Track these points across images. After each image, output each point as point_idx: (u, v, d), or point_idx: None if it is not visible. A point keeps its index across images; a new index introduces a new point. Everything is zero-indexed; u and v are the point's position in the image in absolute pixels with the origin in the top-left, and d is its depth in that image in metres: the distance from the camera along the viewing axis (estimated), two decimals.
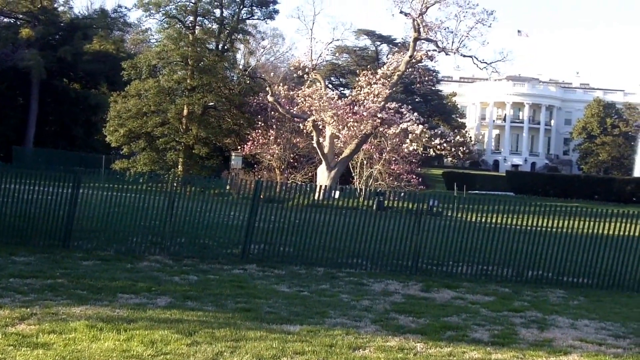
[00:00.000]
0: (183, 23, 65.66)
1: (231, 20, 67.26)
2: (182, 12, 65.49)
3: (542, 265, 22.53)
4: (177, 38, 63.39)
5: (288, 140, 58.38)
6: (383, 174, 53.35)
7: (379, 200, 29.07)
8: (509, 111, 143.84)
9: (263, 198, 23.82)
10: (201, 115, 62.31)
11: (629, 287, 22.06)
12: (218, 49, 66.63)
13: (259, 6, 69.24)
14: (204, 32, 66.55)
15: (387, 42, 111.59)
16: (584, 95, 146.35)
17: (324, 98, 50.97)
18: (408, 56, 52.13)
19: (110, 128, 61.24)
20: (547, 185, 79.97)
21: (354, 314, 15.39)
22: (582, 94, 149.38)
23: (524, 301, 18.69)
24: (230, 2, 67.87)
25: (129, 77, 62.91)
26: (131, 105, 60.62)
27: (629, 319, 17.16)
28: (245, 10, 68.73)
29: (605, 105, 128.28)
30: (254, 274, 19.69)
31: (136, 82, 62.27)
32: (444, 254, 22.84)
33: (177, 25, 65.36)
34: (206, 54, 63.98)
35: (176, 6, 65.21)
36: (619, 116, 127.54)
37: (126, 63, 63.88)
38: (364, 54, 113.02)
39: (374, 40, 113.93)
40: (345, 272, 21.16)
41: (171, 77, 62.71)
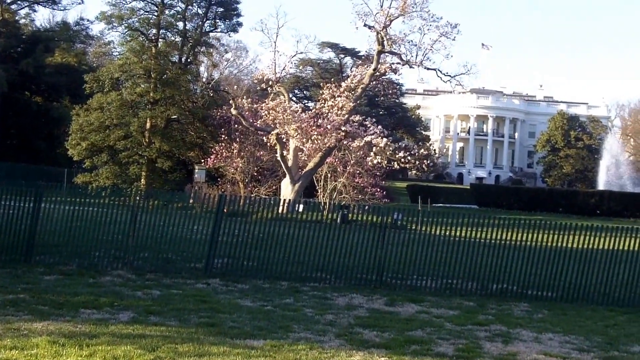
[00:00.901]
0: (146, 36, 65.50)
1: (194, 33, 67.21)
2: (145, 25, 65.35)
3: (507, 279, 22.55)
4: (140, 51, 63.21)
5: (252, 154, 58.28)
6: (347, 187, 53.34)
7: (343, 213, 29.09)
8: (473, 124, 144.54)
9: (227, 212, 23.71)
10: (164, 129, 62.11)
11: (593, 300, 22.12)
12: (181, 62, 66.54)
13: (223, 19, 69.29)
14: (167, 45, 66.38)
15: (351, 55, 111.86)
16: (547, 108, 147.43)
17: (288, 111, 50.92)
18: (372, 69, 52.20)
19: (72, 141, 60.92)
20: (511, 198, 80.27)
21: (318, 329, 15.30)
22: (545, 107, 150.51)
23: (489, 315, 18.68)
24: (194, 15, 67.86)
25: (92, 90, 62.69)
26: (93, 119, 60.36)
27: (593, 333, 17.20)
28: (208, 23, 68.79)
29: (569, 118, 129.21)
30: (217, 289, 19.56)
31: (99, 95, 62.02)
32: (408, 267, 22.80)
33: (140, 38, 65.22)
34: (169, 67, 63.89)
35: (139, 19, 65.06)
36: (583, 129, 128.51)
37: (88, 76, 63.70)
38: (328, 66, 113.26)
39: (338, 53, 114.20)
40: (310, 286, 21.08)
41: (134, 90, 62.49)
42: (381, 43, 51.35)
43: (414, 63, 51.71)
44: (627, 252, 22.65)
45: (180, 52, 67.28)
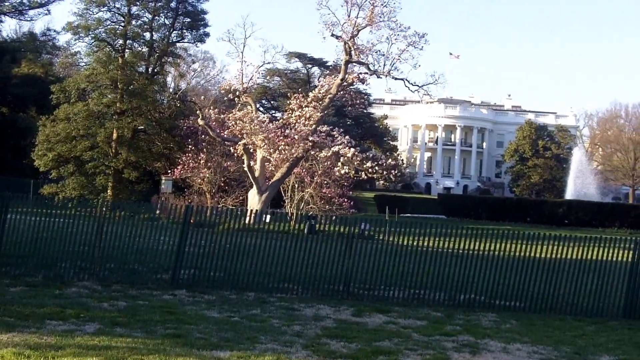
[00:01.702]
0: (112, 46, 65.26)
1: (161, 44, 67.04)
2: (111, 36, 65.11)
3: (475, 289, 22.56)
4: (106, 61, 62.95)
5: (219, 164, 58.11)
6: (314, 198, 53.27)
7: (310, 224, 29.03)
8: (441, 134, 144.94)
9: (193, 222, 23.59)
10: (131, 139, 61.86)
11: (561, 310, 22.16)
12: (148, 72, 66.31)
13: (189, 29, 69.14)
14: (134, 56, 66.12)
15: (318, 65, 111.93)
16: (515, 118, 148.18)
17: (255, 121, 50.84)
18: (339, 79, 52.26)
19: (38, 152, 60.54)
20: (479, 208, 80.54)
21: (285, 340, 15.24)
22: (514, 116, 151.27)
23: (456, 325, 18.67)
24: (160, 25, 67.66)
25: (58, 100, 62.36)
26: (60, 129, 60.03)
27: (561, 343, 17.23)
28: (175, 34, 68.60)
29: (537, 128, 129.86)
30: (184, 300, 19.45)
31: (65, 105, 61.71)
32: (375, 278, 22.77)
33: (107, 48, 64.98)
34: (136, 77, 63.64)
35: (105, 29, 64.82)
36: (551, 138, 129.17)
37: (55, 87, 63.29)
38: (296, 76, 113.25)
39: (306, 63, 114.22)
40: (277, 296, 21.01)
41: (100, 100, 62.19)
42: (349, 53, 51.42)
43: (382, 73, 51.81)
44: (595, 262, 22.71)
45: (147, 63, 67.05)
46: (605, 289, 22.40)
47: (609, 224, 74.04)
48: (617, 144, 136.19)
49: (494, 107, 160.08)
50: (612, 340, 17.99)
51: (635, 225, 73.51)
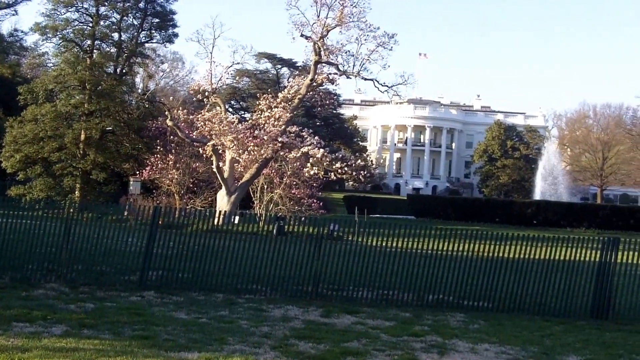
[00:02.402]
0: (81, 47, 64.99)
1: (130, 44, 66.82)
2: (79, 36, 64.84)
3: (443, 289, 22.54)
4: (74, 62, 62.71)
5: (187, 165, 57.98)
6: (284, 199, 53.24)
7: (279, 225, 28.98)
8: (411, 134, 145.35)
9: (162, 224, 23.48)
10: (99, 140, 61.63)
11: (529, 311, 22.18)
12: (116, 73, 66.10)
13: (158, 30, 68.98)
14: (102, 56, 65.90)
15: (288, 66, 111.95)
16: (485, 118, 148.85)
17: (224, 122, 50.70)
18: (309, 79, 52.22)
19: (5, 154, 60.24)
20: (448, 209, 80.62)
21: (253, 341, 15.19)
22: (483, 116, 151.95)
23: (425, 325, 18.66)
24: (129, 25, 67.46)
25: (26, 102, 62.08)
26: (27, 131, 59.75)
27: (529, 343, 17.26)
28: (144, 34, 68.45)
29: (506, 128, 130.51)
30: (151, 301, 19.35)
31: (33, 106, 61.43)
32: (344, 278, 22.72)
33: (75, 49, 64.74)
34: (104, 78, 63.46)
35: (73, 30, 64.54)
36: (520, 139, 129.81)
37: (22, 88, 62.96)
38: (265, 77, 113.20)
39: (275, 64, 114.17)
40: (245, 298, 20.94)
41: (68, 101, 61.98)
42: (318, 53, 51.39)
43: (351, 73, 51.82)
44: (563, 262, 22.77)
45: (116, 63, 66.83)
46: (573, 289, 22.46)
47: (577, 224, 74.33)
48: (585, 145, 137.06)
49: (463, 108, 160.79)
50: (580, 340, 18.05)
51: (604, 225, 73.87)
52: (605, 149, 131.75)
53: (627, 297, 22.39)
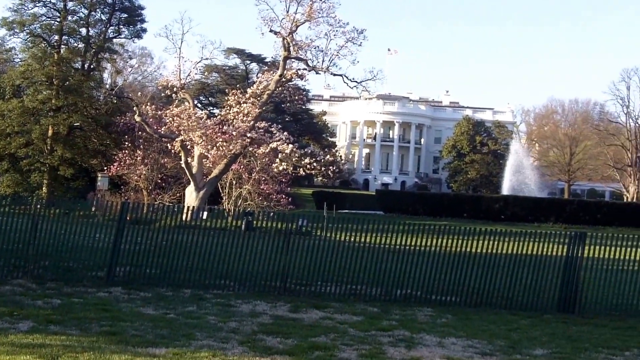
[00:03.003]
0: (48, 42, 64.70)
1: (97, 39, 66.59)
2: (47, 31, 64.58)
3: (411, 284, 22.58)
4: (42, 57, 62.45)
5: (156, 161, 57.75)
6: (252, 194, 53.18)
7: (247, 220, 28.93)
8: (380, 130, 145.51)
9: (130, 219, 23.39)
10: (66, 136, 61.38)
11: (497, 305, 22.25)
12: (84, 69, 65.88)
13: (126, 25, 68.77)
14: (70, 51, 65.61)
15: (257, 61, 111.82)
16: (453, 114, 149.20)
17: (193, 117, 50.52)
18: (278, 75, 52.11)
19: None
20: (416, 204, 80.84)
21: (221, 336, 15.16)
22: (451, 112, 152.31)
23: (392, 320, 18.69)
24: (97, 21, 67.21)
25: None
26: None
27: (495, 336, 17.32)
28: (112, 29, 68.23)
29: (475, 124, 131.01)
30: (119, 297, 19.26)
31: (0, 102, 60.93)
32: (312, 274, 22.71)
33: (42, 44, 64.45)
34: (72, 74, 63.22)
35: (41, 25, 64.26)
36: (488, 134, 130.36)
37: None
38: (234, 73, 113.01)
39: (244, 59, 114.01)
40: (213, 293, 20.88)
41: (36, 97, 61.66)
42: (287, 49, 51.31)
43: (320, 69, 51.75)
44: (530, 257, 22.91)
45: (83, 59, 66.58)
46: (540, 283, 22.58)
47: (544, 219, 74.81)
48: (553, 140, 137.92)
49: (432, 103, 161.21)
50: (546, 334, 18.16)
51: (571, 220, 74.39)
52: (573, 144, 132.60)
53: (593, 291, 22.53)
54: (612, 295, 22.65)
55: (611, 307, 22.37)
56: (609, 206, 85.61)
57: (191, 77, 59.53)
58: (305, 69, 52.77)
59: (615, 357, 15.94)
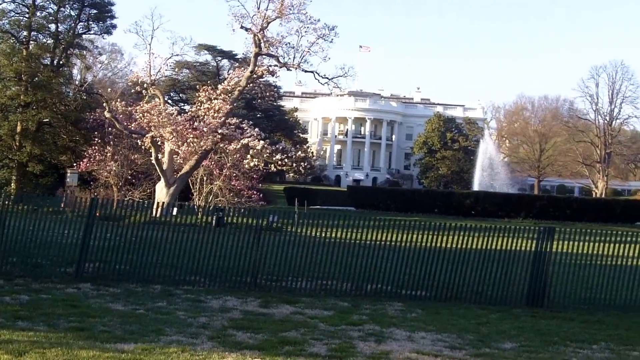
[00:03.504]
0: (17, 38, 64.28)
1: (67, 35, 66.21)
2: (15, 27, 64.19)
3: (381, 279, 22.62)
4: (10, 53, 62.01)
5: (126, 157, 57.54)
6: (223, 190, 53.08)
7: (218, 216, 28.85)
8: (351, 126, 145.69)
9: (99, 216, 23.27)
10: (35, 132, 61.00)
11: (466, 299, 22.32)
12: (53, 65, 65.48)
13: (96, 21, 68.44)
14: (39, 47, 65.25)
15: (228, 58, 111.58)
16: (424, 111, 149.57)
17: (163, 114, 50.30)
18: (249, 71, 52.03)
19: None
20: (388, 200, 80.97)
21: (191, 331, 15.12)
22: (422, 109, 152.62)
23: (363, 315, 18.70)
24: (66, 16, 66.84)
25: None
26: None
27: (465, 330, 17.38)
28: (81, 25, 67.84)
29: (446, 120, 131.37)
30: (88, 293, 19.16)
31: None
32: (283, 269, 22.70)
33: (11, 40, 63.97)
34: (41, 70, 62.76)
35: (9, 21, 63.87)
36: (459, 131, 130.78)
37: None
38: (205, 69, 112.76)
39: (215, 56, 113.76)
40: (183, 289, 20.81)
41: (4, 93, 61.31)
42: (258, 45, 51.23)
43: (292, 65, 51.71)
44: (500, 252, 22.99)
45: (53, 55, 66.17)
46: (510, 277, 22.68)
47: (514, 214, 75.21)
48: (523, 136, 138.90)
49: (403, 100, 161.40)
50: (515, 328, 18.23)
51: (540, 215, 74.87)
52: (543, 140, 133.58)
53: (561, 285, 22.68)
54: (581, 289, 22.80)
55: (579, 301, 22.52)
56: (578, 202, 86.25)
57: (161, 73, 59.30)
58: (277, 65, 52.73)
59: (583, 350, 16.04)
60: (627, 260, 23.41)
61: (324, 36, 50.85)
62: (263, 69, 52.87)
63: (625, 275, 23.00)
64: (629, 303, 22.62)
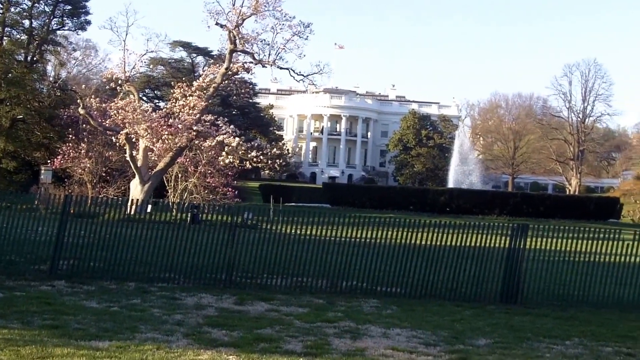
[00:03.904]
0: None
1: (41, 31, 66.00)
2: None
3: (357, 276, 22.67)
4: None
5: (100, 154, 57.33)
6: (198, 187, 53.00)
7: (193, 213, 28.83)
8: (327, 123, 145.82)
9: (73, 213, 23.18)
10: (9, 129, 60.71)
11: (441, 296, 22.39)
12: (27, 61, 65.24)
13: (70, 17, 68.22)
14: (12, 44, 64.96)
15: (203, 54, 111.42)
16: (400, 108, 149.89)
17: (138, 110, 50.11)
18: (224, 68, 51.90)
19: None
20: (363, 197, 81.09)
21: (166, 329, 15.10)
22: (398, 106, 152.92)
23: (338, 312, 18.73)
24: (40, 12, 66.59)
25: None
26: None
27: (439, 327, 17.44)
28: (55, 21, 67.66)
29: (421, 118, 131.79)
30: (62, 290, 19.09)
31: None
32: (258, 266, 22.69)
33: None
34: (14, 66, 62.41)
35: None
36: (434, 128, 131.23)
37: None
38: (180, 65, 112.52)
39: (190, 52, 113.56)
40: (158, 286, 20.75)
41: None
42: (233, 42, 51.15)
43: (267, 62, 51.67)
44: (474, 248, 23.10)
45: (26, 51, 65.92)
46: (484, 274, 22.79)
47: (489, 211, 75.55)
48: (497, 134, 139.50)
49: (378, 97, 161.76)
50: (489, 324, 18.33)
51: (514, 212, 75.26)
52: (517, 138, 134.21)
53: (535, 282, 22.82)
54: (554, 285, 22.99)
55: (553, 298, 22.67)
56: (551, 199, 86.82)
57: (136, 70, 59.02)
58: (252, 62, 52.65)
59: (556, 346, 16.16)
60: (599, 257, 23.59)
61: (299, 33, 50.87)
62: (238, 66, 52.79)
63: (598, 272, 23.18)
64: (602, 299, 22.79)
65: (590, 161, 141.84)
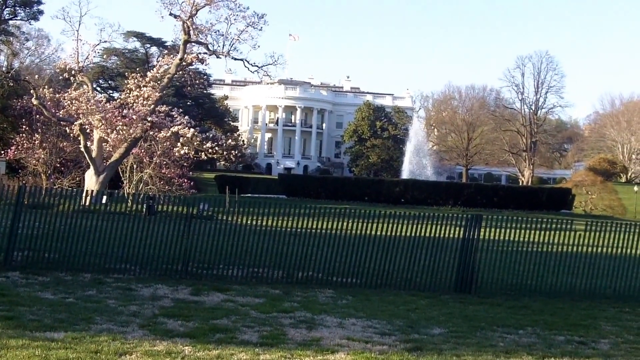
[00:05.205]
0: None
1: None
2: None
3: (312, 266, 22.75)
4: None
5: (54, 145, 56.90)
6: (154, 178, 52.78)
7: (149, 204, 28.74)
8: (282, 115, 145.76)
9: (27, 204, 23.03)
10: None
11: (396, 286, 22.53)
12: None
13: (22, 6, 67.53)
14: None
15: (157, 45, 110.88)
16: (354, 99, 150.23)
17: (92, 101, 49.82)
18: (178, 59, 51.80)
19: None
20: (318, 188, 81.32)
21: (121, 320, 15.07)
22: (352, 97, 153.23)
23: (294, 302, 18.80)
24: None
25: None
26: None
27: (394, 317, 17.57)
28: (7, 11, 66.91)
29: (375, 109, 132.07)
30: (16, 282, 18.96)
31: None
32: (214, 257, 22.69)
33: None
34: None
35: None
36: (389, 119, 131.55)
37: None
38: (134, 56, 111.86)
39: (144, 43, 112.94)
40: (114, 277, 20.68)
41: None
42: (187, 32, 51.05)
43: (221, 53, 51.67)
44: (429, 239, 23.25)
45: None
46: (438, 264, 22.96)
47: (443, 202, 76.09)
48: (451, 125, 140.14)
49: (333, 89, 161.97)
50: (444, 314, 18.49)
51: (468, 203, 75.83)
52: (470, 129, 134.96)
53: (489, 272, 23.04)
54: (507, 275, 23.23)
55: (506, 287, 22.91)
56: (504, 190, 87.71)
57: (90, 60, 58.62)
58: (206, 53, 52.65)
59: (510, 335, 16.35)
60: (552, 247, 23.90)
61: (253, 24, 50.94)
62: (192, 57, 52.72)
63: (550, 262, 23.51)
64: (554, 289, 23.05)
65: (542, 152, 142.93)
